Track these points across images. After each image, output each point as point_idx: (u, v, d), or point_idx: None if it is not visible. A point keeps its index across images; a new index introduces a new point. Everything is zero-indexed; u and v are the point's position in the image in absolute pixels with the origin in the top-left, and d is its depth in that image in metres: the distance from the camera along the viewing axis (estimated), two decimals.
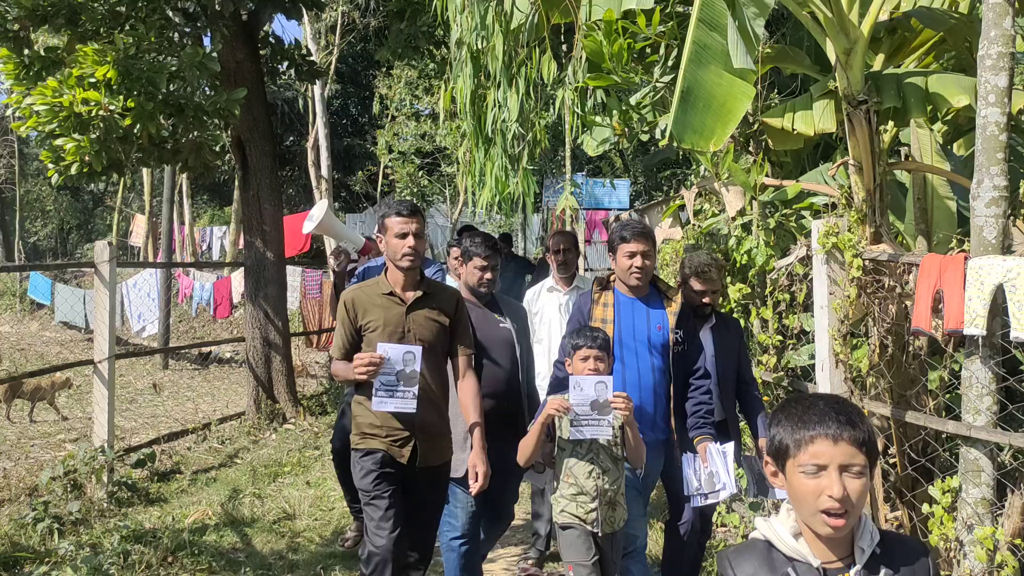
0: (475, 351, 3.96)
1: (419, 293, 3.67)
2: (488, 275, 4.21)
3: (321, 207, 5.58)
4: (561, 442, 3.64)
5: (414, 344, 3.56)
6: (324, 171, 19.23)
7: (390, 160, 21.09)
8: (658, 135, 5.69)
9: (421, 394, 3.53)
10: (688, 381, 4.06)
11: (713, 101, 4.43)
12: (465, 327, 3.85)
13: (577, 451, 3.60)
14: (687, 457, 4.01)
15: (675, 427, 4.04)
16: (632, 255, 3.94)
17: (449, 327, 3.76)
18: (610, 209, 20.36)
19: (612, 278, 4.10)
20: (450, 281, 6.48)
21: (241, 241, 16.05)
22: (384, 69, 20.14)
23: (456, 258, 6.25)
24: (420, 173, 21.04)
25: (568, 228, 18.02)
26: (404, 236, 3.58)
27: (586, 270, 17.87)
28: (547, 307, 5.40)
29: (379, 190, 23.19)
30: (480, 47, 5.17)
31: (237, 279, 13.54)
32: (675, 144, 4.44)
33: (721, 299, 5.00)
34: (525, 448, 3.61)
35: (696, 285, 4.34)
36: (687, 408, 4.04)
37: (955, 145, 6.49)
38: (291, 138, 25.52)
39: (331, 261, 5.10)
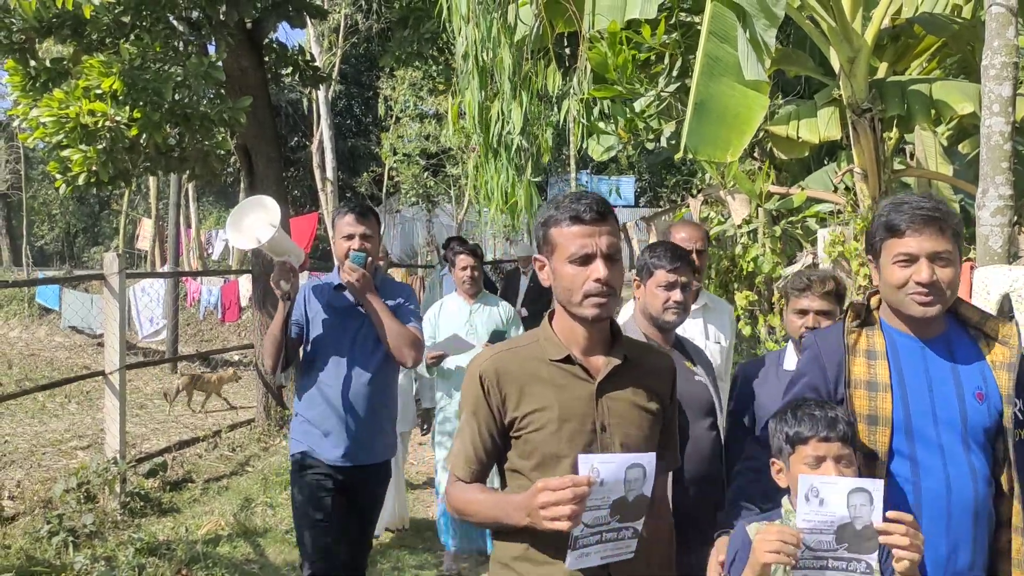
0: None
1: (616, 360, 2.06)
2: (678, 295, 2.94)
3: (272, 210, 3.67)
4: None
5: (615, 451, 2.01)
6: (329, 173, 19.30)
7: (394, 162, 21.14)
8: (663, 143, 5.72)
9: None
10: None
11: (727, 113, 4.46)
12: (675, 420, 2.28)
13: None
14: None
15: None
16: (908, 261, 2.13)
17: (661, 419, 2.16)
18: (615, 206, 20.36)
19: (875, 304, 2.31)
20: (452, 298, 5.20)
21: None
22: (388, 71, 20.18)
23: (454, 268, 5.11)
24: (425, 174, 21.08)
25: None
26: (588, 260, 1.98)
27: None
28: None
29: (384, 191, 23.24)
30: (486, 59, 5.21)
31: (245, 283, 13.60)
32: (690, 156, 4.46)
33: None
34: None
35: (798, 303, 3.04)
36: None
37: (960, 145, 6.51)
38: (295, 139, 25.58)
39: (282, 286, 3.52)
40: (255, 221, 3.65)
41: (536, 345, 2.09)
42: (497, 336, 4.98)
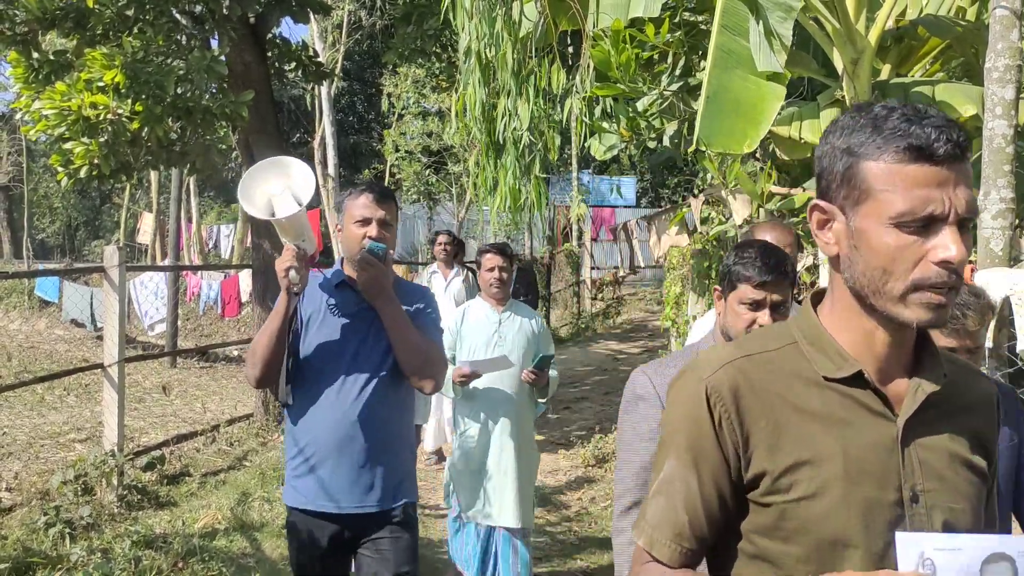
0: None
1: (931, 386, 1.21)
2: (765, 318, 2.20)
3: (303, 183, 2.81)
4: None
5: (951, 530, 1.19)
6: (331, 169, 19.29)
7: (396, 159, 21.16)
8: (665, 142, 5.72)
9: None
10: None
11: (741, 105, 4.45)
12: (996, 483, 1.40)
13: None
14: None
15: None
16: None
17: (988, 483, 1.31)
18: (616, 206, 20.40)
19: None
20: (477, 304, 4.50)
21: (248, 240, 16.16)
22: (390, 68, 20.21)
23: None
24: (427, 172, 21.10)
25: (575, 227, 18.00)
26: (930, 226, 1.12)
27: (593, 268, 17.87)
28: None
29: None
30: (489, 56, 5.20)
31: (245, 278, 13.60)
32: (704, 148, 4.45)
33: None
34: None
35: (939, 339, 2.24)
36: None
37: None
38: (297, 134, 25.59)
39: (290, 275, 2.66)
40: (277, 188, 2.81)
41: (795, 351, 1.25)
42: (544, 362, 4.17)
